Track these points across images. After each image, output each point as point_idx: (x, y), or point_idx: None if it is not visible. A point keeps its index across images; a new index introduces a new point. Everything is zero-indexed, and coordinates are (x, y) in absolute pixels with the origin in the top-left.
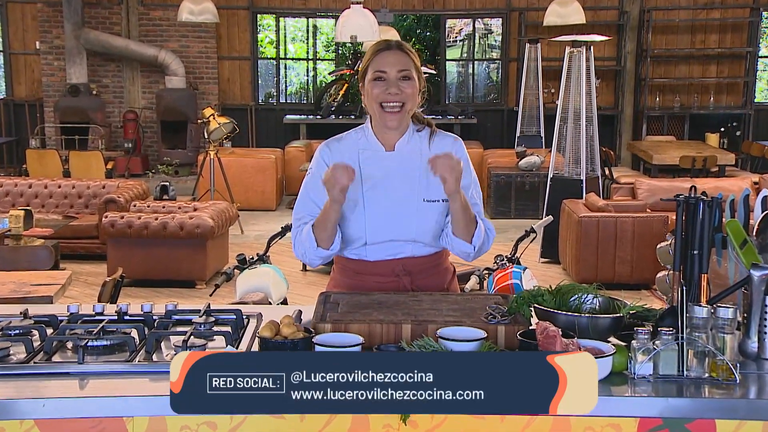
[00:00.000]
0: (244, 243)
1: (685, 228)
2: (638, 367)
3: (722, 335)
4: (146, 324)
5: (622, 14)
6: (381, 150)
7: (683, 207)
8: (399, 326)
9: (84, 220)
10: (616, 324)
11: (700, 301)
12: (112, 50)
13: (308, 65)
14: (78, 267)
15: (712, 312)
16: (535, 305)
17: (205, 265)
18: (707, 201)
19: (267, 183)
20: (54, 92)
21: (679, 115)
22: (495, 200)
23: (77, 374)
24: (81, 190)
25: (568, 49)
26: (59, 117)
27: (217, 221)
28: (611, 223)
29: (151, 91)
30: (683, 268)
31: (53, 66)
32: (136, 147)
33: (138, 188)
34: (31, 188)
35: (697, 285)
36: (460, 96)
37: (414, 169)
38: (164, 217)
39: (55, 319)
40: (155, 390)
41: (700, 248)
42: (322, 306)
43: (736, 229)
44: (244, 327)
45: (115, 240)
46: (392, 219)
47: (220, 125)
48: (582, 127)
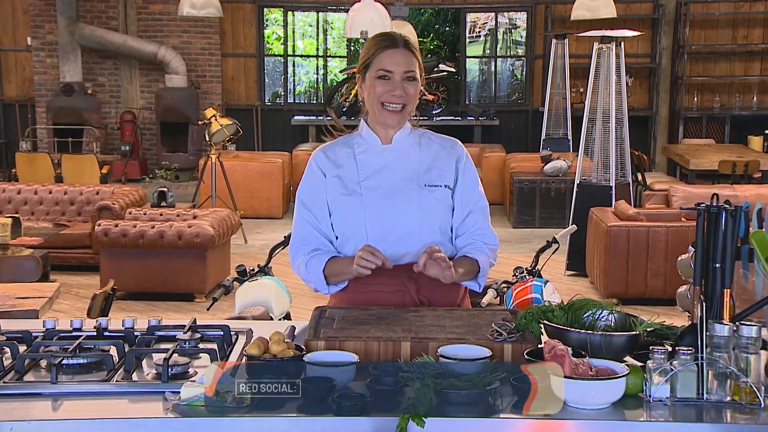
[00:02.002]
0: (248, 253)
1: (707, 239)
2: (654, 390)
3: (746, 355)
4: (126, 341)
5: (657, 7)
6: (377, 143)
7: (704, 217)
8: (397, 344)
9: (76, 228)
10: (631, 342)
11: (722, 318)
12: (109, 46)
13: (318, 63)
14: (69, 278)
15: (734, 330)
16: (545, 322)
17: (205, 277)
18: (730, 210)
19: (273, 189)
20: (46, 91)
21: (719, 116)
22: (518, 208)
23: (50, 395)
24: (73, 197)
25: (597, 45)
26: (52, 118)
27: (218, 230)
28: (642, 233)
29: (150, 91)
30: (704, 282)
31: (45, 63)
32: (133, 150)
33: (134, 194)
34: (20, 194)
35: (720, 301)
36: (482, 96)
37: (413, 159)
38: (161, 226)
39: (29, 336)
40: (134, 412)
41: (723, 261)
42: (315, 321)
43: (762, 240)
44: (232, 344)
45: (108, 250)
46: (392, 208)
47: (223, 127)
48: (611, 129)
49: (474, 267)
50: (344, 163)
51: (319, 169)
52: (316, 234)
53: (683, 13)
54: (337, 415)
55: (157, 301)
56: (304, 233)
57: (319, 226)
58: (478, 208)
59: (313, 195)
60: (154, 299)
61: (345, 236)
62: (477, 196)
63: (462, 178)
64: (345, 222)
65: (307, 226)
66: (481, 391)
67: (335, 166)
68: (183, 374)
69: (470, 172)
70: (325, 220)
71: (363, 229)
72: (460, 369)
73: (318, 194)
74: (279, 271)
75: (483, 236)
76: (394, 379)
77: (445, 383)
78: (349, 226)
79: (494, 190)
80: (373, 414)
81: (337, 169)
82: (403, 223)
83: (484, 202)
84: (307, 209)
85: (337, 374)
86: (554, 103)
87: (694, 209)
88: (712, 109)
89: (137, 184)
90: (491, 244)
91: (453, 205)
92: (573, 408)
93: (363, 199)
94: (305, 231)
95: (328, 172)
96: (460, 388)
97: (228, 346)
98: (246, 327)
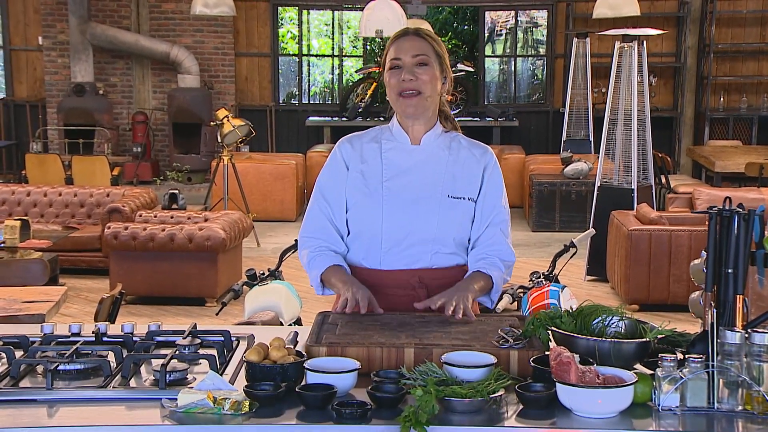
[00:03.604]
0: (260, 257)
1: (719, 244)
2: (663, 398)
3: (758, 363)
4: (125, 346)
5: (682, 5)
6: (406, 142)
7: (716, 221)
8: (401, 350)
9: (86, 231)
10: (641, 350)
11: (735, 325)
12: (121, 46)
13: (333, 62)
14: (79, 282)
15: (746, 337)
16: (553, 328)
17: (216, 281)
18: (743, 214)
19: (286, 191)
20: (57, 92)
21: (746, 117)
22: (537, 211)
23: (45, 401)
24: (83, 199)
25: (618, 44)
26: (63, 119)
27: (230, 233)
28: (665, 237)
29: (163, 91)
30: (716, 288)
31: (57, 63)
32: (145, 152)
33: (145, 196)
34: (29, 196)
35: (732, 307)
36: (502, 96)
37: (440, 164)
38: (172, 228)
39: (26, 341)
40: (130, 419)
41: (735, 266)
42: (318, 327)
43: None
44: (232, 350)
45: (118, 253)
46: (412, 214)
47: (235, 128)
48: (633, 130)
49: (488, 283)
50: (370, 159)
51: (342, 161)
52: (328, 228)
53: (709, 10)
54: (336, 423)
55: (167, 306)
56: (317, 225)
57: (333, 219)
58: (498, 222)
59: (333, 186)
60: (164, 303)
61: (359, 235)
62: (498, 209)
63: (485, 188)
64: (361, 221)
65: (321, 217)
66: (484, 398)
67: (360, 160)
68: (181, 380)
69: (495, 182)
70: (341, 214)
71: (379, 231)
72: (464, 376)
73: (338, 186)
74: (290, 275)
75: (499, 252)
76: (396, 387)
77: (448, 391)
78: (364, 226)
79: (513, 193)
80: (374, 422)
81: (362, 164)
82: (420, 231)
83: (505, 215)
84: (325, 200)
85: (337, 381)
86: (575, 104)
87: (706, 213)
88: (738, 109)
89: (148, 186)
90: (507, 260)
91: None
92: (579, 417)
93: (383, 202)
94: (319, 223)
95: (352, 165)
96: (463, 395)
97: (228, 351)
98: (248, 332)
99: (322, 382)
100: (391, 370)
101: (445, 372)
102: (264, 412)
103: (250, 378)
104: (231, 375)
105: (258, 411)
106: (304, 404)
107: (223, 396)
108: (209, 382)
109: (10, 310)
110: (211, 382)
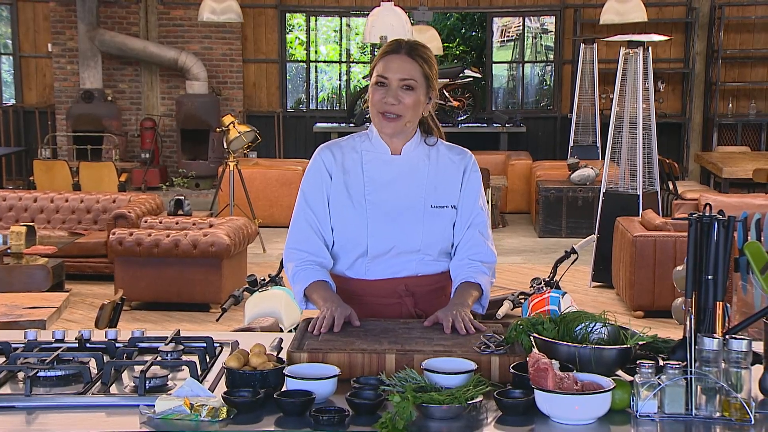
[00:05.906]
0: (265, 263)
1: (699, 250)
2: (641, 405)
3: (736, 370)
4: (107, 353)
5: (690, 11)
6: (386, 153)
7: (696, 227)
8: (382, 356)
9: (92, 237)
10: (622, 356)
11: (715, 331)
12: (129, 53)
13: (341, 68)
14: (85, 288)
15: (723, 344)
16: (535, 335)
17: (220, 287)
18: (723, 220)
19: (293, 197)
20: (66, 98)
21: (755, 123)
22: (543, 217)
23: (24, 408)
24: (90, 205)
25: (623, 50)
26: (72, 125)
27: (234, 239)
28: (669, 243)
29: (171, 97)
30: (696, 294)
31: (66, 70)
32: (154, 158)
33: (151, 202)
34: (36, 202)
35: (712, 314)
36: (509, 102)
37: (421, 174)
38: (177, 234)
39: (8, 347)
40: (109, 426)
41: (715, 273)
42: (301, 333)
43: (757, 251)
44: (215, 356)
45: (123, 259)
46: (396, 225)
47: (241, 134)
48: (638, 136)
49: (479, 291)
50: (351, 169)
51: (325, 168)
52: (314, 239)
53: (718, 16)
54: (314, 429)
55: (171, 312)
56: (303, 236)
57: (319, 229)
58: (477, 224)
59: (317, 193)
60: (169, 309)
61: (343, 247)
62: (476, 211)
63: (463, 190)
64: (345, 235)
65: (306, 227)
66: (462, 405)
67: (342, 171)
68: (162, 387)
69: (473, 184)
70: (326, 222)
71: (364, 243)
72: (443, 382)
73: (321, 193)
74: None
75: (479, 254)
76: (374, 393)
77: (426, 397)
78: (349, 240)
79: (520, 199)
80: (352, 428)
81: (344, 175)
82: (405, 243)
83: (483, 217)
84: (310, 207)
85: (316, 387)
86: (583, 110)
87: (685, 219)
88: (747, 115)
89: (155, 193)
90: (488, 261)
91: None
92: (557, 423)
93: (367, 216)
94: (304, 233)
95: (335, 175)
96: (441, 402)
97: (211, 358)
98: (232, 339)
99: (302, 388)
100: (371, 377)
101: (424, 378)
102: (242, 419)
103: (230, 384)
104: (212, 381)
105: (236, 418)
106: (282, 411)
107: (201, 402)
108: (187, 388)
109: (11, 316)
110: (189, 389)
